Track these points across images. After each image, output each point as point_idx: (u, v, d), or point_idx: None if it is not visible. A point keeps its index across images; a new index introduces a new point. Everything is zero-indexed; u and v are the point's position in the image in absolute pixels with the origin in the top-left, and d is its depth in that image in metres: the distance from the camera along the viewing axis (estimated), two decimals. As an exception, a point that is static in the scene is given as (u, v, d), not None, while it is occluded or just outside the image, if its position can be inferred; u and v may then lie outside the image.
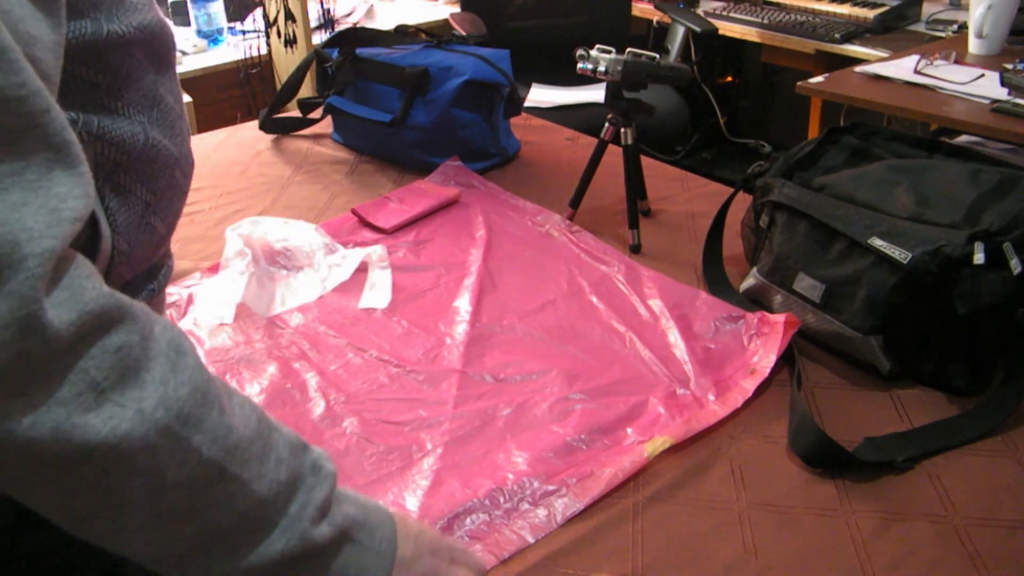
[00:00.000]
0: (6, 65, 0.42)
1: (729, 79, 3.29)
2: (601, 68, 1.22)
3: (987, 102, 1.74)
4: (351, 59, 1.54)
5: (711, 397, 0.93)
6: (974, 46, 2.06)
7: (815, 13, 2.54)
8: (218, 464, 0.50)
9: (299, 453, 0.55)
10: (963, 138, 1.81)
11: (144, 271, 0.67)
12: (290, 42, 2.60)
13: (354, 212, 1.34)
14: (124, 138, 0.62)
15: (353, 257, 1.20)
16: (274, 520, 0.53)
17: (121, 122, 0.62)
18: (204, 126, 2.12)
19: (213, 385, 0.51)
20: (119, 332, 0.46)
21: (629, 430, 0.89)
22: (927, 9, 2.50)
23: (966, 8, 2.17)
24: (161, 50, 0.67)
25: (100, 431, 0.44)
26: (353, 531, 0.57)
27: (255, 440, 0.53)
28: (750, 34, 2.56)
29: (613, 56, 1.21)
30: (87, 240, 0.55)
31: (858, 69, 2.01)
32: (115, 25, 0.60)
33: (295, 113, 1.71)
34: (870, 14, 2.41)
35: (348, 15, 2.87)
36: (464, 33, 2.22)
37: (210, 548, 0.51)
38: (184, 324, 1.09)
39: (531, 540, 0.76)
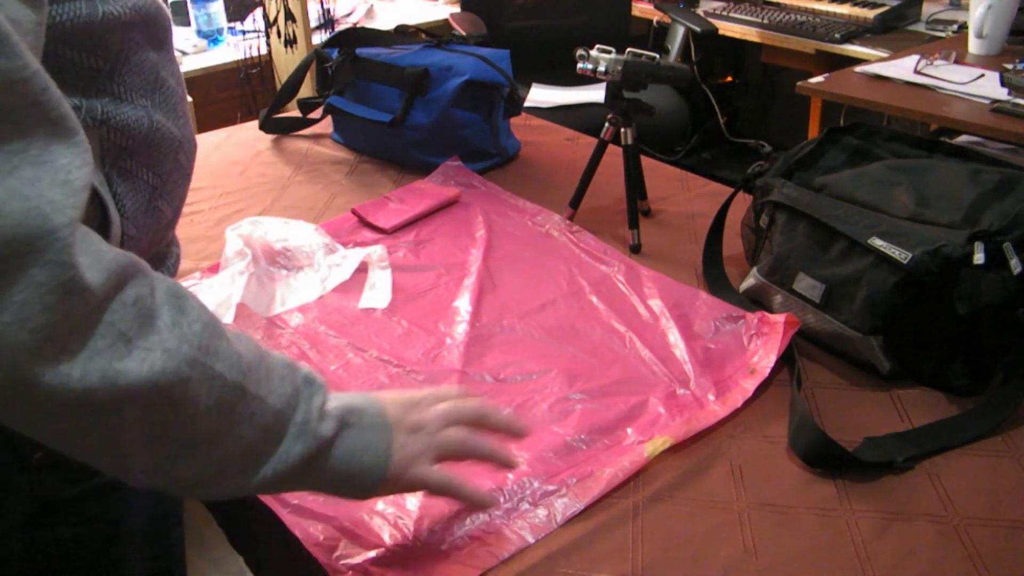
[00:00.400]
0: (8, 50, 0.44)
1: (729, 79, 3.29)
2: (601, 68, 1.22)
3: (987, 102, 1.75)
4: (351, 59, 1.54)
5: (711, 397, 0.93)
6: (974, 46, 2.06)
7: (815, 13, 2.54)
8: (239, 386, 0.56)
9: (293, 369, 0.62)
10: (963, 138, 1.81)
11: (152, 258, 0.68)
12: (290, 42, 2.60)
13: (354, 212, 1.34)
14: (128, 123, 0.63)
15: (353, 257, 1.20)
16: (287, 429, 0.59)
17: (125, 107, 0.63)
18: (204, 126, 2.12)
19: (216, 319, 0.57)
20: (133, 286, 0.50)
21: (629, 430, 0.89)
22: (927, 9, 2.50)
23: (966, 8, 2.17)
24: (158, 31, 0.67)
25: (140, 372, 0.49)
26: (349, 418, 0.64)
27: (260, 362, 0.59)
28: (750, 34, 2.56)
29: (613, 56, 1.21)
30: (98, 227, 0.56)
31: (858, 69, 2.01)
32: (111, 6, 0.60)
33: (295, 113, 1.71)
34: (870, 14, 2.41)
35: (348, 15, 2.87)
36: (464, 33, 2.22)
37: (239, 465, 0.58)
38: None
39: (531, 540, 0.76)
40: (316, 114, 1.68)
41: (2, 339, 0.44)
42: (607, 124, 1.27)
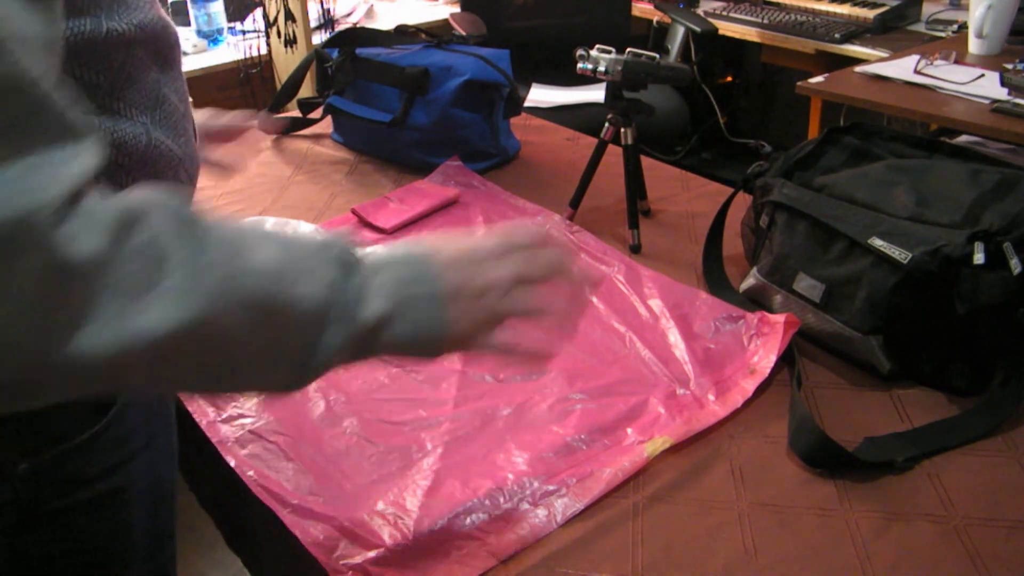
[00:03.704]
0: (5, 56, 0.43)
1: (729, 79, 3.29)
2: (601, 68, 1.22)
3: (987, 102, 1.75)
4: (351, 59, 1.54)
5: (711, 397, 0.93)
6: (974, 46, 2.06)
7: (815, 13, 2.54)
8: (272, 299, 0.53)
9: (327, 254, 0.57)
10: (963, 138, 1.81)
11: None
12: (290, 42, 2.59)
13: (354, 212, 1.34)
14: (126, 140, 0.62)
15: (353, 257, 1.19)
16: (327, 321, 0.55)
17: (123, 123, 0.62)
18: (204, 126, 2.12)
19: (235, 231, 0.53)
20: (136, 234, 0.48)
21: (629, 430, 0.89)
22: (927, 9, 2.51)
23: (966, 8, 2.17)
24: (164, 49, 0.67)
25: (160, 324, 0.47)
26: (399, 294, 0.58)
27: (289, 260, 0.55)
28: (750, 34, 2.56)
29: (613, 56, 1.21)
30: None
31: (858, 69, 2.01)
32: (115, 23, 0.60)
33: (295, 113, 1.71)
34: (870, 14, 2.42)
35: (348, 15, 2.87)
36: (464, 33, 2.22)
37: (285, 363, 0.55)
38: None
39: (531, 540, 0.76)
40: (316, 114, 1.68)
41: (10, 331, 0.44)
42: (607, 124, 1.27)
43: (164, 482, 0.78)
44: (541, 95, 2.37)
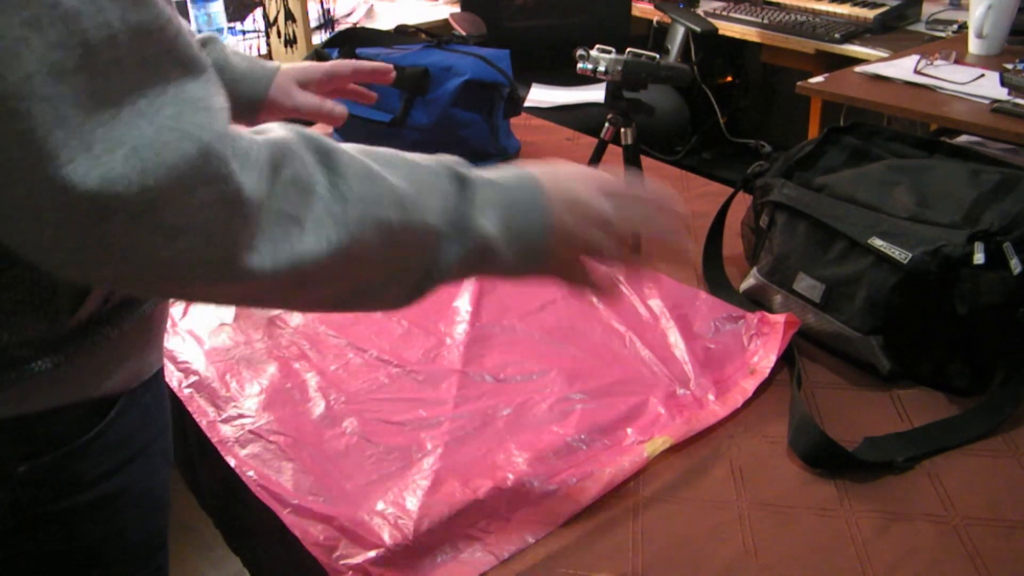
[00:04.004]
0: (146, 1, 0.47)
1: (729, 79, 3.29)
2: (601, 68, 1.22)
3: (987, 102, 1.75)
4: (351, 59, 1.54)
5: (711, 397, 0.93)
6: (974, 46, 2.06)
7: (815, 13, 2.54)
8: (403, 221, 0.57)
9: (443, 174, 0.63)
10: (963, 138, 1.81)
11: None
12: (290, 42, 2.59)
13: (354, 212, 1.34)
14: None
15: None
16: (445, 238, 0.60)
17: None
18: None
19: (366, 159, 0.58)
20: (285, 167, 0.52)
21: (629, 430, 0.88)
22: (927, 9, 2.50)
23: (966, 8, 2.17)
24: None
25: (319, 247, 0.52)
26: (508, 219, 0.63)
27: (414, 182, 0.60)
28: (750, 34, 2.56)
29: (613, 56, 1.21)
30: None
31: (858, 69, 2.01)
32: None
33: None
34: (870, 14, 2.41)
35: (348, 15, 2.87)
36: (464, 33, 2.22)
37: (410, 279, 0.61)
38: (184, 324, 1.09)
39: (531, 540, 0.76)
40: (316, 114, 1.68)
41: (197, 257, 0.48)
42: (607, 124, 1.27)
43: (159, 488, 0.78)
44: (541, 95, 2.37)
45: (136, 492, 0.74)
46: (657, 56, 1.21)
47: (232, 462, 0.85)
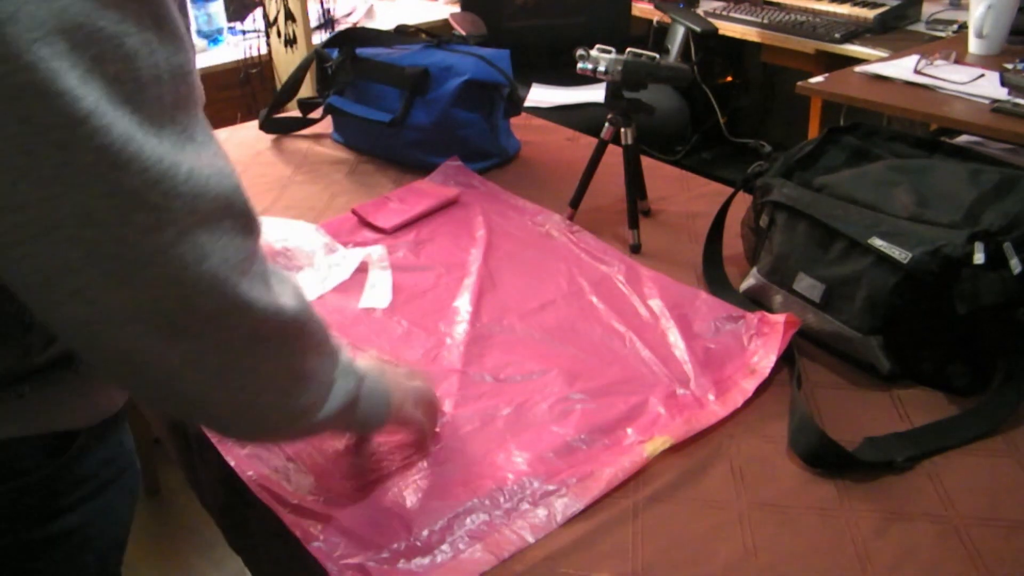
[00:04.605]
0: (182, 46, 0.51)
1: (729, 79, 3.29)
2: (601, 68, 1.22)
3: (987, 102, 1.74)
4: (351, 59, 1.54)
5: (711, 397, 0.93)
6: (974, 46, 2.06)
7: (815, 13, 2.54)
8: (324, 327, 0.65)
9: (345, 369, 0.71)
10: (963, 138, 1.81)
11: None
12: (290, 42, 2.59)
13: (354, 212, 1.34)
14: None
15: (353, 257, 1.20)
16: (338, 371, 0.68)
17: None
18: (204, 126, 2.12)
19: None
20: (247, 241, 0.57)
21: (629, 430, 0.88)
22: (927, 9, 2.50)
23: (966, 8, 2.17)
24: None
25: (290, 304, 0.58)
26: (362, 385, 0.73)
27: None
28: (750, 34, 2.56)
29: (613, 56, 1.21)
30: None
31: (858, 69, 2.01)
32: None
33: (295, 113, 1.71)
34: (870, 14, 2.41)
35: (348, 15, 2.87)
36: (464, 33, 2.22)
37: (314, 399, 0.66)
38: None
39: (531, 540, 0.76)
40: (316, 114, 1.68)
41: (218, 273, 0.53)
42: (607, 124, 1.27)
43: (118, 527, 0.77)
44: (541, 95, 2.37)
45: (95, 530, 0.73)
46: (657, 56, 1.21)
47: (232, 462, 0.85)
